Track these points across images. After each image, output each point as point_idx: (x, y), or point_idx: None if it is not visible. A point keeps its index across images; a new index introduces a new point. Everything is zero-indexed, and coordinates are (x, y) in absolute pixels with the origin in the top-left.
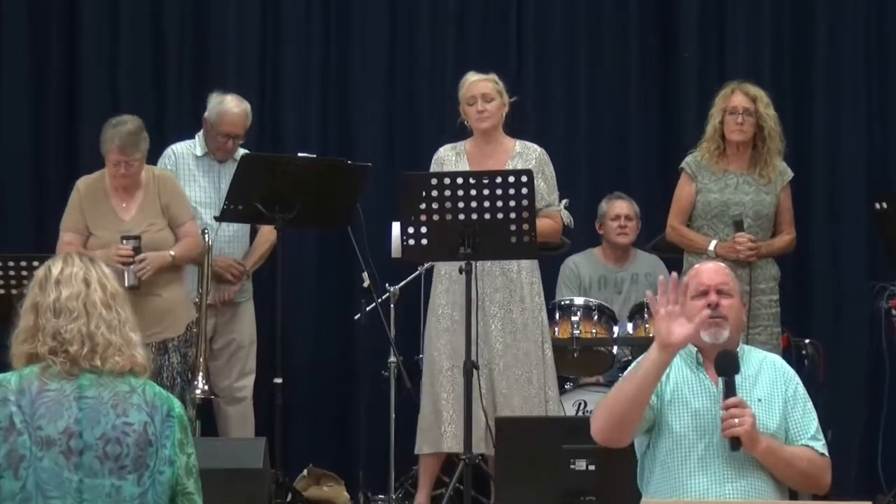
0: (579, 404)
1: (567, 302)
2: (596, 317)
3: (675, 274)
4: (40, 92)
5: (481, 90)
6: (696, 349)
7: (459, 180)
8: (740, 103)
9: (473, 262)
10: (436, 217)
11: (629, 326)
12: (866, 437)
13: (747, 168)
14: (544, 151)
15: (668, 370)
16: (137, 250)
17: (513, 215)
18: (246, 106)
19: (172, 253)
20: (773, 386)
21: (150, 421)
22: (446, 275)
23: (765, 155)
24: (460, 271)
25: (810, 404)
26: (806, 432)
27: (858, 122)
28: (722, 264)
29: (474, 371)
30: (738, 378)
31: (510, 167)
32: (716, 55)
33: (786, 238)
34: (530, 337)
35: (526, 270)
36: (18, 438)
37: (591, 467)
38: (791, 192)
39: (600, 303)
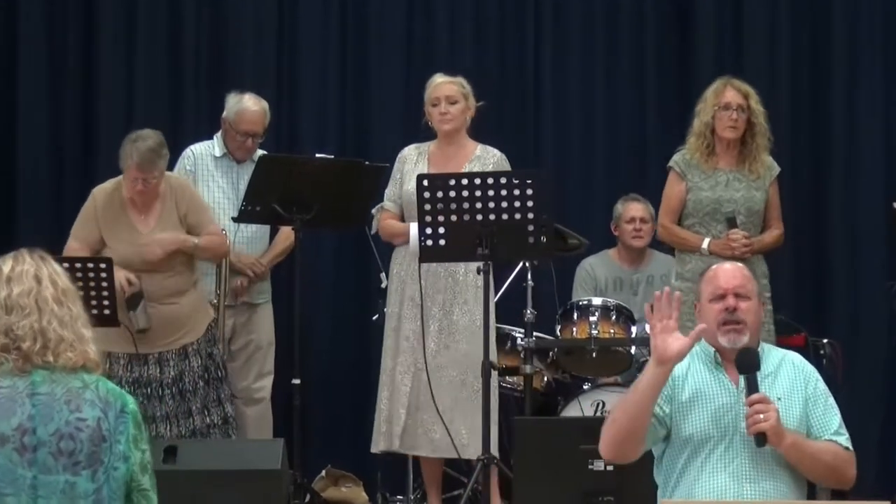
0: (597, 404)
1: (585, 302)
2: (614, 317)
3: (667, 288)
4: (57, 94)
5: (445, 92)
6: (713, 350)
7: (477, 181)
8: (733, 99)
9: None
10: (453, 218)
11: (647, 327)
12: (884, 438)
13: (736, 165)
14: (504, 157)
15: (686, 372)
16: (138, 296)
17: (530, 216)
18: (264, 104)
19: (196, 241)
20: (792, 383)
21: (104, 416)
22: (396, 275)
23: (754, 151)
24: (478, 272)
25: (832, 400)
26: (829, 427)
27: (877, 121)
28: (739, 265)
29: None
30: (758, 376)
31: (466, 170)
32: (733, 55)
33: (775, 233)
34: (468, 339)
35: (473, 274)
36: None
37: (610, 467)
38: (779, 188)
39: (618, 303)
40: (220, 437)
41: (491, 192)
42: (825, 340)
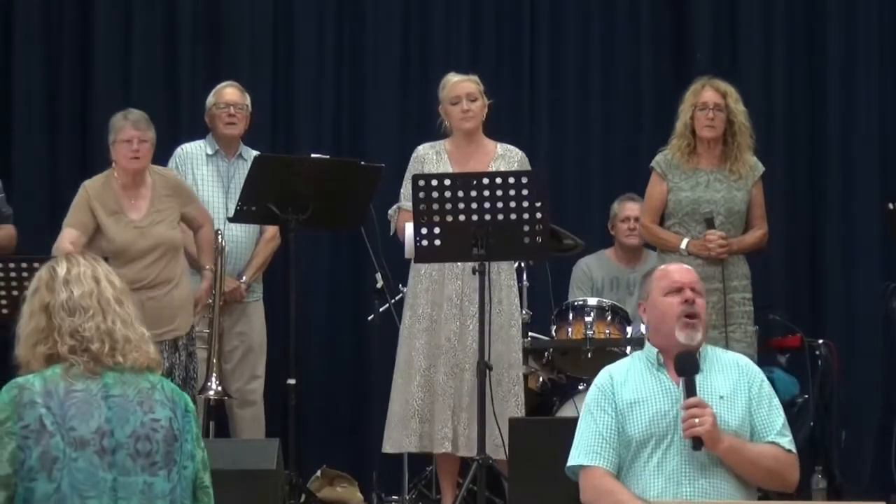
0: None
1: (580, 302)
2: (609, 317)
3: None
4: (53, 92)
5: (465, 90)
6: (656, 350)
7: (473, 181)
8: (710, 98)
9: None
10: (449, 218)
11: (642, 327)
12: (880, 438)
13: (718, 165)
14: (525, 155)
15: (624, 379)
16: None
17: (526, 216)
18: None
19: (209, 267)
20: (736, 383)
21: (174, 416)
22: (426, 274)
23: (735, 151)
24: (473, 272)
25: (776, 401)
26: (772, 429)
27: (872, 121)
28: (688, 266)
29: (490, 370)
30: (700, 377)
31: (492, 169)
32: (729, 56)
33: (758, 233)
34: (503, 339)
35: (505, 273)
36: (51, 440)
37: None
38: (763, 188)
39: (613, 303)
40: None
41: (486, 193)
42: (821, 341)
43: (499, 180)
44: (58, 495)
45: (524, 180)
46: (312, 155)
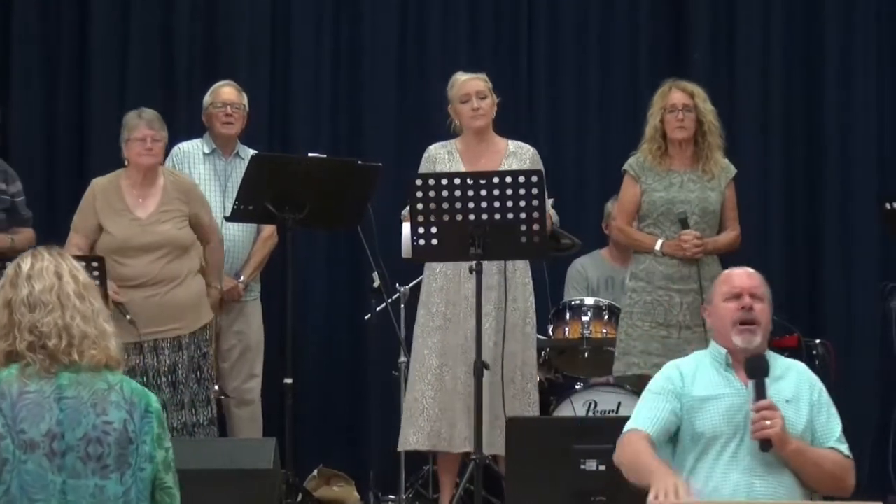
0: (589, 404)
1: (577, 302)
2: (606, 317)
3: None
4: (50, 92)
5: (475, 88)
6: (725, 351)
7: (470, 181)
8: (679, 100)
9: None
10: (446, 217)
11: None
12: (877, 438)
13: (690, 166)
14: (536, 152)
15: (694, 374)
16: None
17: (523, 215)
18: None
19: (218, 286)
20: (798, 389)
21: (130, 418)
22: (441, 273)
23: (706, 150)
24: (470, 271)
25: (834, 409)
26: (831, 435)
27: (870, 121)
28: (752, 270)
29: (487, 369)
30: (766, 380)
31: (505, 167)
32: (725, 57)
33: (731, 234)
34: (518, 338)
35: (521, 271)
36: (1, 443)
37: (602, 467)
38: (735, 190)
39: (610, 303)
40: (205, 436)
41: (484, 192)
42: (818, 341)
43: (496, 180)
44: (7, 497)
45: (521, 180)
46: (310, 154)
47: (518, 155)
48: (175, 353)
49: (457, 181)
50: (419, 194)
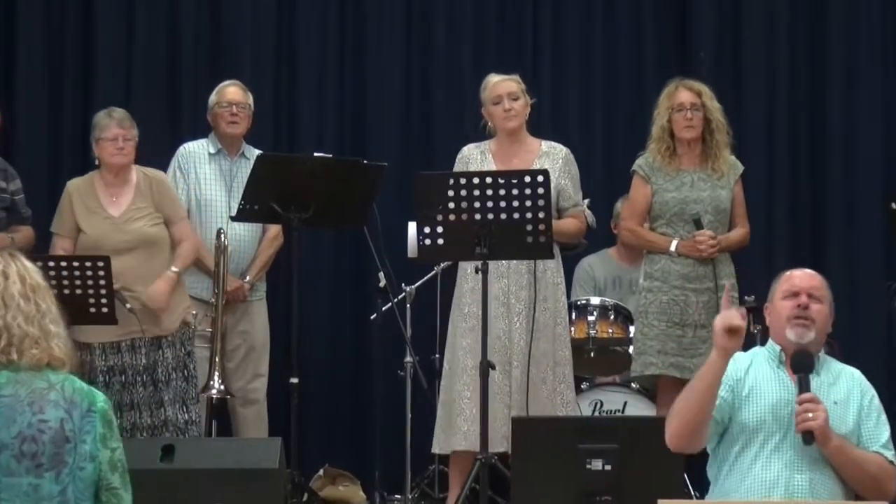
0: (595, 404)
1: (583, 302)
2: (612, 317)
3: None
4: (55, 92)
5: (507, 89)
6: (779, 348)
7: (476, 180)
8: (686, 99)
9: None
10: (452, 217)
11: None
12: None
13: (699, 164)
14: (570, 151)
15: (748, 367)
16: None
17: (529, 215)
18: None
19: (175, 269)
20: (849, 392)
21: (68, 417)
22: (472, 273)
23: (714, 149)
24: (476, 271)
25: (884, 417)
26: (878, 440)
27: (875, 120)
28: (814, 272)
29: (493, 369)
30: (816, 381)
31: (537, 167)
32: (731, 56)
33: (741, 231)
34: (549, 337)
35: (551, 270)
36: None
37: (608, 467)
38: (743, 187)
39: (616, 303)
40: (196, 433)
41: (490, 192)
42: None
43: (501, 179)
44: None
45: (527, 179)
46: (315, 154)
47: (551, 155)
48: (154, 352)
49: (462, 180)
50: (424, 194)
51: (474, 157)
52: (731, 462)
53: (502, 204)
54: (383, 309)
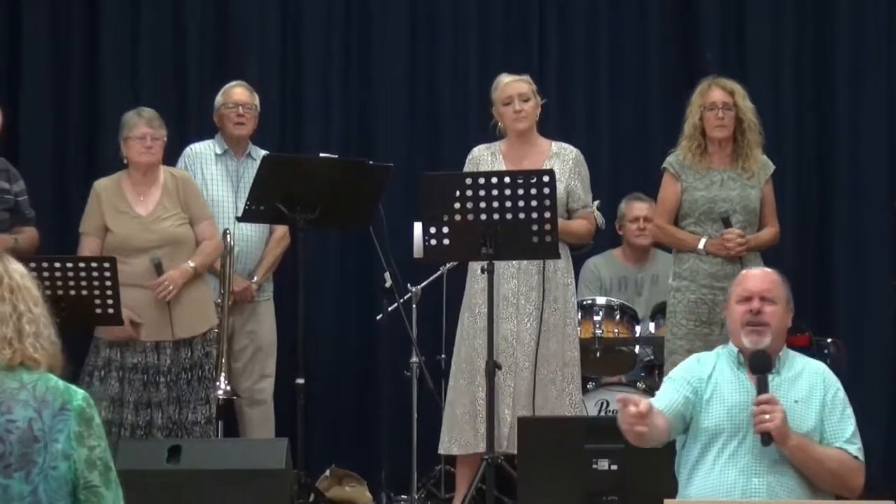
0: (602, 404)
1: (589, 302)
2: (618, 316)
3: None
4: (61, 92)
5: (517, 90)
6: (737, 350)
7: (481, 180)
8: (719, 98)
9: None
10: (457, 217)
11: (651, 326)
12: (890, 436)
13: (730, 164)
14: (580, 153)
15: (712, 369)
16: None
17: (534, 215)
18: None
19: (192, 264)
20: (811, 389)
21: (37, 417)
22: (481, 273)
23: (745, 148)
24: (482, 271)
25: (849, 410)
26: (841, 435)
27: (881, 121)
28: (769, 270)
29: (500, 370)
30: (777, 379)
31: (546, 168)
32: (737, 57)
33: (771, 231)
34: (558, 338)
35: (562, 271)
36: None
37: (614, 467)
38: (773, 186)
39: (622, 302)
40: (201, 436)
41: (495, 192)
42: (829, 340)
43: (507, 180)
44: None
45: (533, 180)
46: (321, 155)
47: (561, 156)
48: (176, 353)
49: (468, 181)
50: (430, 194)
51: (485, 158)
52: (692, 466)
53: (508, 204)
54: (389, 309)
